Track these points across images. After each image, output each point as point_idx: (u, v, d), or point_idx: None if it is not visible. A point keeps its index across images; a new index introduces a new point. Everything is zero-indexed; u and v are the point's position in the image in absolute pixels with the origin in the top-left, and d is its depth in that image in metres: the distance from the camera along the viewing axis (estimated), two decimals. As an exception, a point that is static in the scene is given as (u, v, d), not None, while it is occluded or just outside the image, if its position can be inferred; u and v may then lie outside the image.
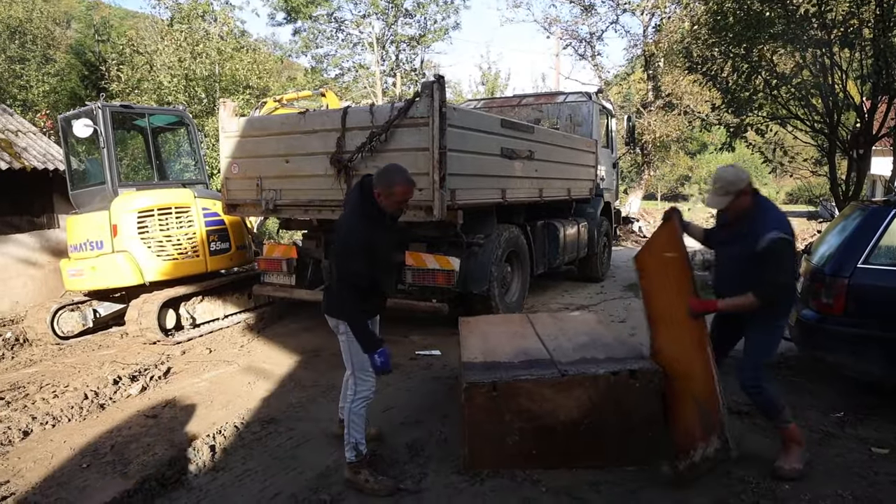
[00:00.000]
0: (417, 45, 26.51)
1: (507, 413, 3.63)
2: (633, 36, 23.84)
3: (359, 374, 3.67)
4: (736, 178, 3.60)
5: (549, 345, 4.30)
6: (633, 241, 19.38)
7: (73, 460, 4.10)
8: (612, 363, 3.79)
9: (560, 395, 3.64)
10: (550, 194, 8.44)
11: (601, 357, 3.94)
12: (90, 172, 8.06)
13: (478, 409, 3.63)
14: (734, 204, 3.61)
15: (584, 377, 3.65)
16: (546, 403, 3.64)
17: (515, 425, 3.65)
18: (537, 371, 3.74)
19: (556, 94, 12.01)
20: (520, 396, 3.63)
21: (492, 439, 3.67)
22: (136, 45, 17.82)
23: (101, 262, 7.06)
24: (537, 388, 3.63)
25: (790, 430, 3.64)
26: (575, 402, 3.64)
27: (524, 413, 3.64)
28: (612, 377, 3.64)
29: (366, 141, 5.98)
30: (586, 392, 3.64)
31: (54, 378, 5.88)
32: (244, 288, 8.25)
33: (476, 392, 3.62)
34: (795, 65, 9.74)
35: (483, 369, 3.84)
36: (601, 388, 3.64)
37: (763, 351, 3.68)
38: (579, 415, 3.65)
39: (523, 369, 3.79)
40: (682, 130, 22.48)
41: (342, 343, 3.76)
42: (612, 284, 10.89)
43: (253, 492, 3.59)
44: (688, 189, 48.21)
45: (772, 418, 3.68)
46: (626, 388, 3.64)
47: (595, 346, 4.20)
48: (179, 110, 8.72)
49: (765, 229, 3.45)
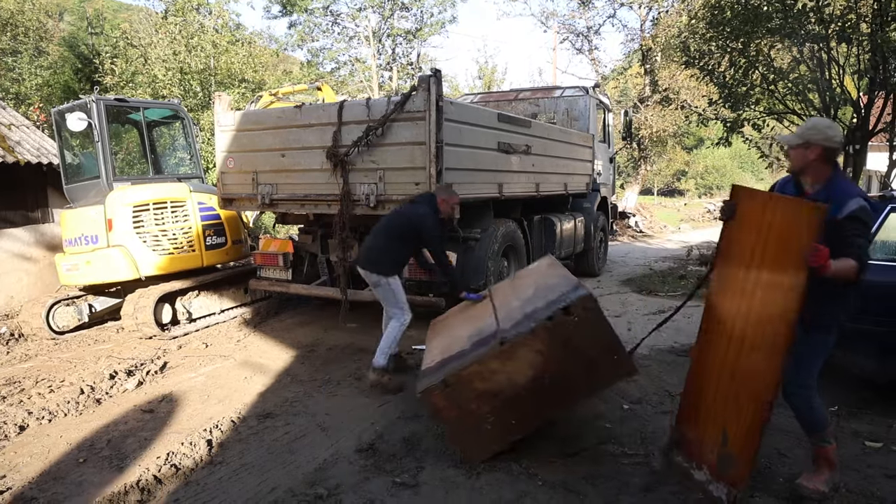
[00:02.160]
0: (414, 39, 26.45)
1: (469, 402, 3.59)
2: (630, 30, 23.82)
3: (395, 311, 5.12)
4: (818, 128, 3.22)
5: (500, 313, 4.13)
6: (629, 235, 19.43)
7: (70, 455, 4.09)
8: (548, 308, 3.60)
9: (508, 364, 3.54)
10: (547, 189, 8.44)
11: (542, 305, 3.73)
12: (84, 166, 8.02)
13: (443, 410, 3.61)
14: (798, 152, 3.25)
15: (523, 336, 3.52)
16: (499, 376, 3.56)
17: (484, 409, 3.60)
18: (481, 349, 3.65)
19: (552, 88, 12.00)
20: (472, 382, 3.57)
21: (469, 431, 3.65)
22: (130, 37, 17.73)
23: (96, 256, 7.03)
24: (484, 366, 3.55)
25: (827, 451, 3.36)
26: (525, 362, 3.53)
27: (484, 394, 3.58)
28: (548, 323, 3.49)
29: (362, 135, 5.96)
30: (531, 349, 3.52)
31: (50, 373, 5.86)
32: (240, 282, 8.23)
33: (431, 396, 3.59)
34: (793, 59, 9.77)
35: (435, 371, 3.79)
36: (544, 338, 3.51)
37: (817, 355, 3.32)
38: (536, 371, 3.54)
39: (471, 352, 3.71)
40: (679, 125, 22.53)
41: (380, 291, 5.12)
42: (609, 279, 10.91)
43: (250, 486, 3.59)
44: (684, 184, 48.33)
45: (812, 434, 3.39)
46: (567, 326, 3.49)
47: (538, 296, 3.99)
48: (174, 104, 8.67)
49: (848, 196, 3.10)
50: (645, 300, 8.97)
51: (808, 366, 3.32)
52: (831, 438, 3.37)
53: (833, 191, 3.18)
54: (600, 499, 3.35)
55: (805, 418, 3.38)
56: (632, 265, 12.82)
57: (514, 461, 3.72)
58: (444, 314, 5.39)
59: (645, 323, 7.48)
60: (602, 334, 3.54)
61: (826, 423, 3.35)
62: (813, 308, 3.06)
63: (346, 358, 6.16)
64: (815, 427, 3.35)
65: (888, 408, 4.56)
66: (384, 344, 5.06)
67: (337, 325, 7.01)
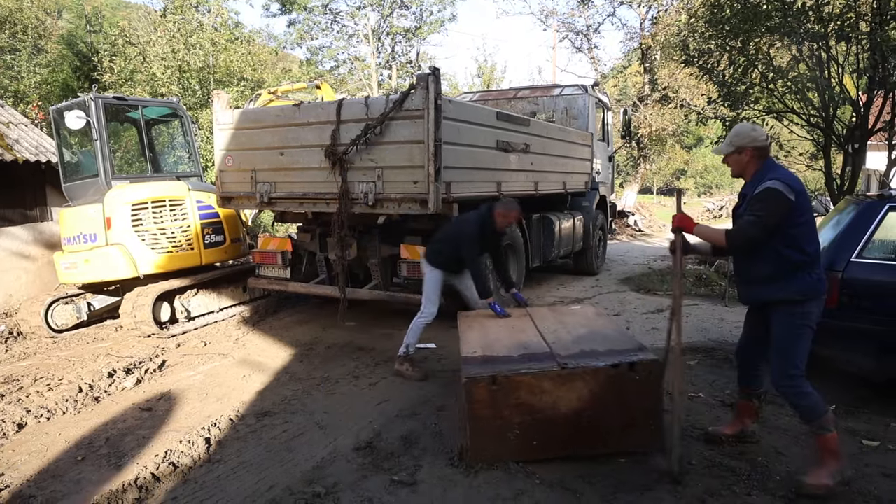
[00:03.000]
0: (413, 37, 26.45)
1: (506, 407, 3.63)
2: (629, 29, 23.80)
3: (425, 303, 5.40)
4: (743, 133, 3.51)
5: (549, 338, 4.28)
6: (628, 234, 19.44)
7: (68, 453, 4.09)
8: (612, 356, 3.79)
9: (560, 388, 3.63)
10: (546, 188, 8.44)
11: (601, 349, 3.93)
12: (83, 164, 8.02)
13: (478, 404, 3.62)
14: (733, 158, 3.55)
15: (585, 370, 3.64)
16: (546, 396, 3.63)
17: (516, 419, 3.64)
18: (537, 364, 3.73)
19: (552, 86, 12.00)
20: (520, 390, 3.62)
21: (492, 433, 3.66)
22: (128, 35, 17.70)
23: (94, 254, 7.03)
24: (537, 381, 3.62)
25: (828, 440, 3.33)
26: (575, 394, 3.64)
27: (524, 406, 3.63)
28: (612, 370, 3.65)
29: (361, 133, 5.96)
30: (587, 385, 3.64)
31: (48, 371, 5.87)
32: (239, 281, 8.23)
33: (475, 386, 3.60)
34: (792, 58, 9.76)
35: (482, 363, 3.83)
36: (601, 380, 3.64)
37: (787, 343, 3.40)
38: (580, 407, 3.65)
39: (522, 363, 3.78)
40: (679, 124, 22.55)
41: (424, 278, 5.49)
42: (608, 278, 10.91)
43: (248, 484, 3.59)
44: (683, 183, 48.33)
45: (810, 422, 3.39)
46: (626, 380, 3.64)
47: (594, 339, 4.19)
48: (173, 102, 8.67)
49: (760, 181, 3.39)
50: (643, 299, 8.98)
51: (788, 353, 3.39)
52: (831, 426, 3.34)
53: (755, 180, 3.46)
54: (597, 497, 3.35)
55: (799, 406, 3.39)
56: (630, 264, 12.83)
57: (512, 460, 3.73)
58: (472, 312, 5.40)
59: (643, 322, 7.49)
60: (651, 401, 3.70)
61: (822, 409, 3.34)
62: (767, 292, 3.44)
63: (344, 356, 6.16)
64: (812, 414, 3.35)
65: (885, 406, 4.57)
66: (408, 336, 5.42)
67: (335, 323, 7.02)
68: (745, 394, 3.94)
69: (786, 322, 3.42)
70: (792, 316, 3.40)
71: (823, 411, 3.34)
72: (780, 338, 3.44)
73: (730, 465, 3.64)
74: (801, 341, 3.39)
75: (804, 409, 3.37)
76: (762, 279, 3.46)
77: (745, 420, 3.95)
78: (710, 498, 3.31)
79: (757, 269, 3.47)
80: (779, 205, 3.28)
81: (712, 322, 7.45)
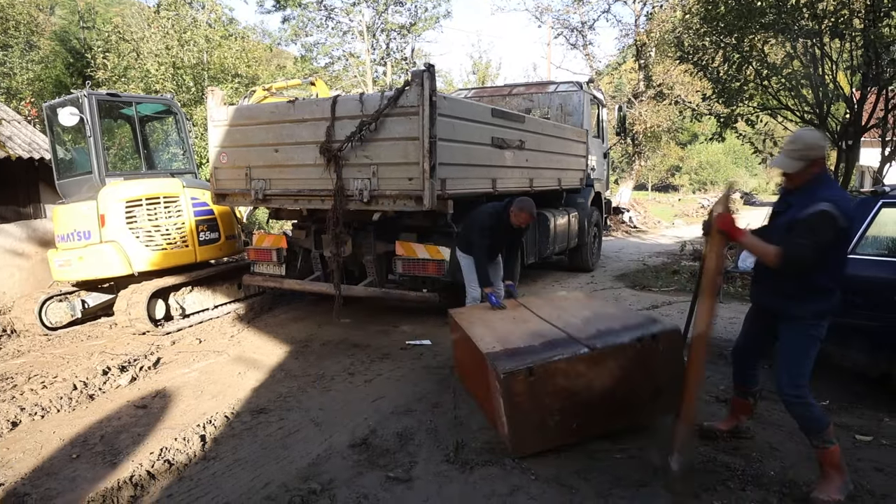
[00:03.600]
0: (408, 34, 26.40)
1: (545, 395, 3.67)
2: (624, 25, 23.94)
3: (468, 286, 5.80)
4: (815, 144, 3.25)
5: (558, 324, 4.35)
6: (623, 231, 19.47)
7: (63, 451, 4.08)
8: (633, 331, 3.93)
9: (593, 369, 3.73)
10: (541, 184, 8.44)
11: (617, 327, 4.06)
12: (77, 161, 7.98)
13: (518, 397, 3.65)
14: (805, 172, 3.26)
15: (614, 348, 3.78)
16: (581, 379, 3.71)
17: (555, 405, 3.70)
18: (565, 350, 3.80)
19: (546, 83, 11.99)
20: (556, 377, 3.68)
21: (533, 423, 3.71)
22: (122, 32, 17.62)
23: (89, 252, 7.00)
24: (571, 366, 3.70)
25: (830, 453, 3.26)
26: (608, 373, 3.76)
27: (562, 392, 3.70)
28: (638, 344, 3.80)
29: (355, 130, 5.95)
30: (617, 362, 3.77)
31: (43, 369, 5.85)
32: (234, 278, 8.22)
33: (514, 380, 3.62)
34: (786, 55, 9.78)
35: (510, 357, 3.85)
36: (630, 356, 3.78)
37: (797, 355, 3.32)
38: (612, 384, 3.77)
39: (548, 350, 3.83)
40: (673, 120, 22.59)
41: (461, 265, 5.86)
42: (602, 274, 10.93)
43: (244, 481, 3.59)
44: (678, 179, 48.45)
45: (810, 436, 3.31)
46: (652, 351, 3.81)
47: (603, 319, 4.31)
48: (167, 99, 8.64)
49: (815, 200, 3.13)
50: (638, 295, 8.99)
51: (797, 364, 3.32)
52: (833, 438, 3.27)
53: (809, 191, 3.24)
54: (593, 493, 3.36)
55: (803, 417, 3.31)
56: (626, 260, 12.85)
57: (508, 456, 3.74)
58: (462, 308, 5.40)
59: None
60: (675, 368, 3.79)
61: (825, 423, 3.26)
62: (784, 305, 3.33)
63: (339, 353, 6.16)
64: (814, 427, 3.27)
65: (879, 402, 4.60)
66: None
67: (331, 320, 7.02)
68: (740, 391, 3.95)
69: (797, 335, 3.34)
70: (804, 329, 3.33)
71: (826, 423, 3.27)
72: (789, 349, 3.37)
73: (724, 460, 3.66)
74: (810, 353, 3.33)
75: (808, 420, 3.29)
76: (784, 293, 3.35)
77: (739, 416, 3.97)
78: (705, 493, 3.32)
79: (781, 282, 3.34)
80: (835, 233, 3.12)
81: (707, 318, 7.45)
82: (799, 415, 3.33)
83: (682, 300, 8.47)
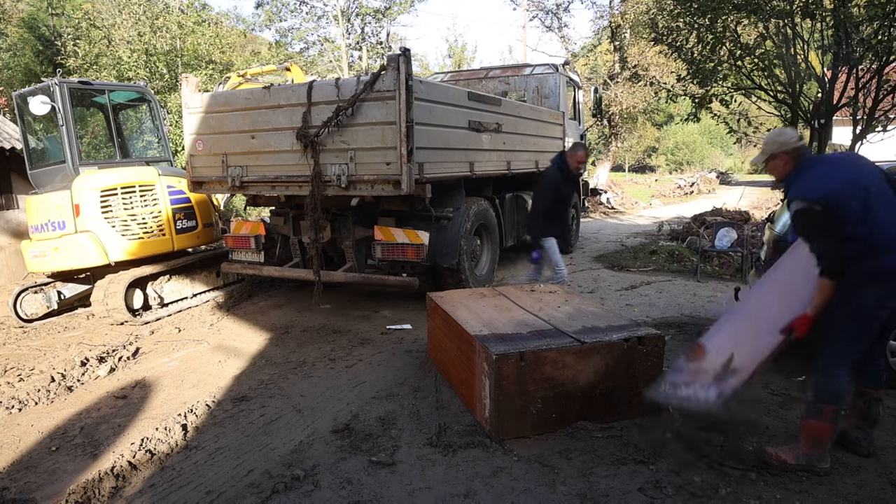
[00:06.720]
0: (383, 18, 26.11)
1: (531, 382, 3.75)
2: (599, 7, 23.98)
3: (556, 270, 6.23)
4: (770, 140, 3.53)
5: (542, 316, 4.49)
6: (601, 212, 19.59)
7: (42, 444, 4.05)
8: (619, 331, 4.08)
9: (580, 363, 3.84)
10: (518, 167, 8.47)
11: (602, 326, 4.21)
12: (49, 151, 7.84)
13: (506, 380, 3.71)
14: (771, 165, 3.52)
15: (602, 345, 3.90)
16: (567, 371, 3.82)
17: (539, 394, 3.78)
18: (554, 341, 3.90)
19: (522, 66, 11.98)
20: (545, 365, 3.77)
21: (516, 408, 3.77)
22: (92, 18, 17.27)
23: (64, 242, 6.91)
24: (560, 356, 3.80)
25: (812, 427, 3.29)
26: (593, 368, 3.88)
27: (547, 381, 3.79)
28: (624, 344, 3.94)
29: (332, 115, 5.92)
30: (603, 359, 3.90)
31: (19, 361, 5.78)
32: (212, 266, 8.16)
33: (505, 363, 3.69)
34: (759, 35, 9.87)
35: (500, 340, 3.94)
36: (615, 353, 3.92)
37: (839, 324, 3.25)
38: (595, 380, 3.89)
39: (537, 339, 3.94)
40: (649, 101, 22.71)
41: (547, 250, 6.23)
42: (581, 256, 11.01)
43: (226, 469, 3.60)
44: (655, 160, 48.73)
45: (819, 403, 3.27)
46: (636, 353, 3.96)
47: (586, 316, 4.47)
48: (140, 86, 8.50)
49: (791, 199, 3.29)
50: (617, 276, 9.09)
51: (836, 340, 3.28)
52: (829, 420, 3.24)
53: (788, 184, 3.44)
54: (575, 472, 3.42)
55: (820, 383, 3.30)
56: (604, 241, 12.95)
57: (489, 437, 3.78)
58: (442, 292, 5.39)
59: (617, 298, 7.59)
60: (655, 373, 3.97)
61: (835, 399, 3.23)
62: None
63: (320, 339, 6.17)
64: (821, 395, 3.27)
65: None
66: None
67: (311, 306, 7.01)
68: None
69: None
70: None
71: (837, 401, 3.24)
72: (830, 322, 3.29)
73: (703, 435, 3.72)
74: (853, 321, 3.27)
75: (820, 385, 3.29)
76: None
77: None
78: (684, 469, 3.39)
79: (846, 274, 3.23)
80: (821, 218, 3.17)
81: (685, 297, 7.58)
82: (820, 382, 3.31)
83: (659, 280, 8.58)
